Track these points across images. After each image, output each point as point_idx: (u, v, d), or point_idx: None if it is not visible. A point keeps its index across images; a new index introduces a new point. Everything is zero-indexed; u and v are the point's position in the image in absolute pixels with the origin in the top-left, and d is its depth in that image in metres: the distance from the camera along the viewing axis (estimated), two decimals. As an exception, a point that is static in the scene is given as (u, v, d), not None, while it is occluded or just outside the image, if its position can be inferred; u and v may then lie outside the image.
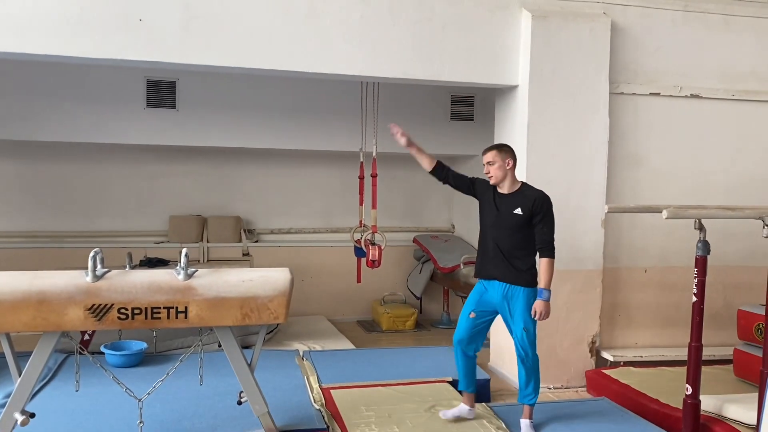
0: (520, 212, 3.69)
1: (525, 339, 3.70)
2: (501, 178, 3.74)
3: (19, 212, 6.55)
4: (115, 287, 3.08)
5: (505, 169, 3.72)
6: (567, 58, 4.87)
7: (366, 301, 7.26)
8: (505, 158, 3.72)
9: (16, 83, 5.83)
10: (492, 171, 3.74)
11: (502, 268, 3.72)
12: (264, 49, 4.46)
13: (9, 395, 3.93)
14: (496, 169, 3.72)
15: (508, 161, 3.72)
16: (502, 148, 3.79)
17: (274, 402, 3.60)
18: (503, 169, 3.72)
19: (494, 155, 3.73)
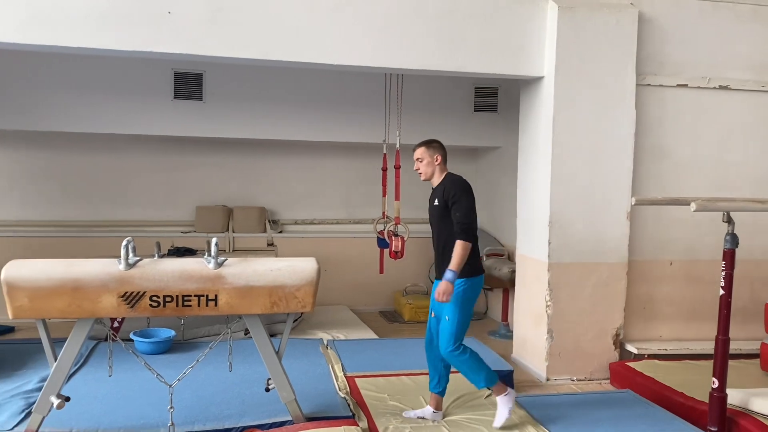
0: (437, 203, 3.65)
1: (446, 329, 3.54)
2: (430, 175, 3.70)
3: (50, 202, 6.69)
4: (147, 275, 3.16)
5: (433, 165, 3.67)
6: (593, 49, 4.84)
7: (388, 291, 7.30)
8: (433, 154, 3.67)
9: (47, 76, 5.94)
10: (421, 168, 3.69)
11: (440, 264, 3.65)
12: (290, 41, 4.49)
13: (43, 379, 4.08)
14: (425, 166, 3.68)
15: (436, 157, 3.67)
16: (430, 144, 3.71)
17: (299, 389, 3.66)
18: (432, 166, 3.67)
19: (422, 152, 3.69)
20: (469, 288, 3.58)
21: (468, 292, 3.57)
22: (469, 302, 3.60)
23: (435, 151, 3.68)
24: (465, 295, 3.55)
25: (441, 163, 3.69)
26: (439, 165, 3.68)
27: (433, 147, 3.69)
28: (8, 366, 4.55)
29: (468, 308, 3.60)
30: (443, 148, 3.73)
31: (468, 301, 3.59)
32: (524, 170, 5.29)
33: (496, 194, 7.19)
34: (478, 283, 3.64)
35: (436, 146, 3.70)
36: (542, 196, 4.94)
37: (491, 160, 7.35)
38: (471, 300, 3.61)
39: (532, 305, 5.09)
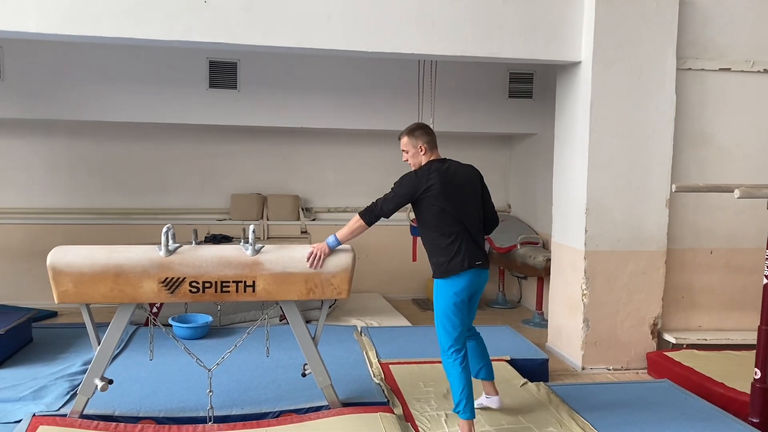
0: None
1: (438, 330, 3.40)
2: (419, 165, 3.43)
3: (90, 190, 6.84)
4: (187, 261, 3.21)
5: (419, 155, 3.42)
6: (632, 33, 4.73)
7: (421, 279, 7.31)
8: (417, 144, 3.42)
9: (87, 67, 6.05)
10: (409, 159, 3.47)
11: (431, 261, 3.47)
12: (324, 29, 4.50)
13: (86, 363, 4.21)
14: (412, 157, 3.44)
15: (420, 146, 3.41)
16: (413, 132, 3.45)
17: (334, 375, 3.69)
18: (418, 156, 3.42)
19: (406, 142, 3.44)
20: (440, 289, 3.35)
21: (439, 292, 3.35)
22: (446, 304, 3.32)
23: (418, 140, 3.41)
24: (439, 296, 3.36)
25: (426, 150, 3.42)
26: (424, 154, 3.42)
27: (416, 135, 3.42)
28: (52, 349, 4.69)
29: (446, 310, 3.32)
30: (428, 133, 3.46)
31: (443, 302, 3.33)
32: (560, 157, 5.22)
33: (530, 182, 7.12)
34: (450, 285, 3.31)
35: (419, 134, 3.43)
36: (579, 184, 4.87)
37: (526, 147, 7.27)
38: (449, 301, 3.31)
39: (568, 294, 5.05)
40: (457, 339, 3.34)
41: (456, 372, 3.32)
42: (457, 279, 3.31)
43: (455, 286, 3.31)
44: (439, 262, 3.34)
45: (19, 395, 3.77)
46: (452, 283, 3.31)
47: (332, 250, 3.38)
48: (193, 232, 3.94)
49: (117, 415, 3.50)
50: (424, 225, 3.40)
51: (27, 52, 5.93)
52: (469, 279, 3.33)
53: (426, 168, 3.37)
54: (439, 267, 3.35)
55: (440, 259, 3.33)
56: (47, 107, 6.03)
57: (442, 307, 3.35)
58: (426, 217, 3.35)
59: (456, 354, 3.33)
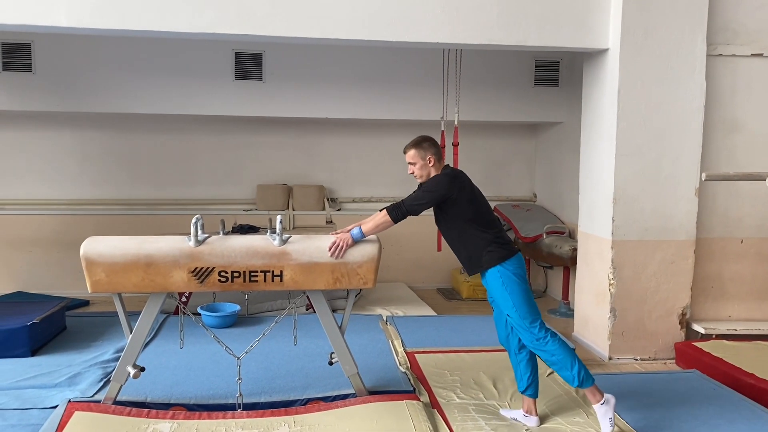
0: None
1: (515, 321, 3.31)
2: (426, 177, 3.42)
3: (119, 181, 6.95)
4: (216, 251, 3.26)
5: (427, 167, 3.40)
6: (661, 19, 4.65)
7: (446, 269, 7.31)
8: (425, 155, 3.39)
9: (114, 59, 6.14)
10: (416, 171, 3.43)
11: (463, 261, 3.45)
12: (348, 19, 4.49)
13: (119, 350, 4.31)
14: (420, 169, 3.41)
15: (429, 158, 3.39)
16: (420, 144, 3.41)
17: (361, 364, 3.73)
18: (426, 168, 3.40)
19: (414, 155, 3.41)
20: (507, 272, 3.29)
21: (507, 276, 3.29)
22: (516, 284, 3.29)
23: (426, 152, 3.39)
24: (509, 281, 3.29)
25: (435, 162, 3.40)
26: (433, 165, 3.40)
27: (424, 147, 3.39)
28: (86, 337, 4.80)
29: (518, 289, 3.29)
30: (435, 144, 3.43)
31: (513, 284, 3.29)
32: (587, 146, 5.17)
33: (556, 171, 7.06)
34: (513, 265, 3.31)
35: (426, 146, 3.40)
36: (606, 173, 4.82)
37: (552, 136, 7.21)
38: (516, 281, 3.29)
39: (595, 283, 5.01)
40: (538, 315, 3.33)
41: (556, 346, 3.27)
42: (514, 260, 3.32)
43: (515, 268, 3.31)
44: (491, 249, 3.30)
45: (54, 382, 3.87)
46: (511, 266, 3.30)
47: (355, 241, 3.39)
48: (221, 222, 4.00)
49: (149, 402, 3.58)
50: (459, 223, 3.35)
51: (57, 46, 6.04)
52: (522, 260, 3.39)
53: (451, 170, 3.43)
54: (492, 255, 3.30)
55: (490, 247, 3.30)
56: (76, 100, 6.14)
57: (513, 292, 3.28)
58: (463, 215, 3.33)
59: (545, 330, 3.29)
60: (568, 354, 3.30)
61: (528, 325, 3.29)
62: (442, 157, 3.50)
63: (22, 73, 6.02)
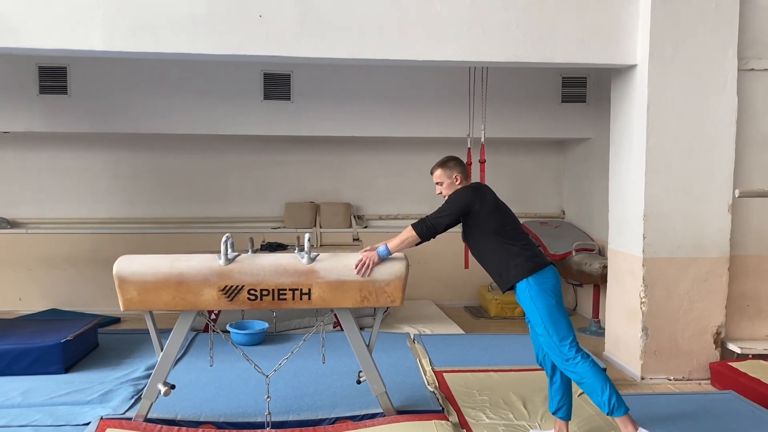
0: None
1: (545, 339, 3.21)
2: None
3: (151, 200, 7.08)
4: (245, 270, 3.29)
5: (454, 185, 3.43)
6: (690, 34, 4.61)
7: (473, 286, 7.26)
8: (451, 174, 3.43)
9: (146, 81, 6.29)
10: (443, 191, 3.47)
11: (494, 277, 3.41)
12: (375, 39, 4.54)
13: (150, 368, 4.34)
14: (447, 188, 3.44)
15: (455, 176, 3.43)
16: (446, 163, 3.46)
17: (388, 382, 3.71)
18: (453, 186, 3.43)
19: (440, 174, 3.45)
20: (535, 286, 3.20)
21: (535, 290, 3.20)
22: (544, 298, 3.19)
23: (452, 171, 3.44)
24: (537, 294, 3.20)
25: (461, 180, 3.44)
26: (459, 184, 3.43)
27: (449, 166, 3.44)
28: (117, 354, 4.87)
29: (546, 303, 3.18)
30: (461, 164, 3.47)
31: (542, 298, 3.19)
32: (616, 162, 5.12)
33: (585, 187, 7.00)
34: (545, 277, 3.23)
35: (452, 165, 3.45)
36: (636, 189, 4.77)
37: (580, 152, 7.15)
38: (548, 294, 3.20)
39: (626, 301, 4.93)
40: (571, 332, 3.20)
41: (586, 368, 3.15)
42: (545, 272, 3.23)
43: (545, 281, 3.21)
44: (518, 262, 3.24)
45: (87, 398, 3.93)
46: (542, 278, 3.21)
47: (381, 259, 3.39)
48: (250, 240, 4.03)
49: (179, 420, 3.61)
50: (485, 236, 3.32)
51: (91, 70, 6.20)
52: (555, 274, 3.28)
53: (476, 184, 3.44)
54: (521, 267, 3.23)
55: (518, 260, 3.24)
56: (110, 121, 6.29)
57: (541, 306, 3.19)
58: (488, 227, 3.30)
59: (577, 350, 3.18)
60: (599, 378, 3.18)
61: (557, 342, 3.18)
62: (468, 176, 3.52)
63: (57, 96, 6.19)
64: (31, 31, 4.28)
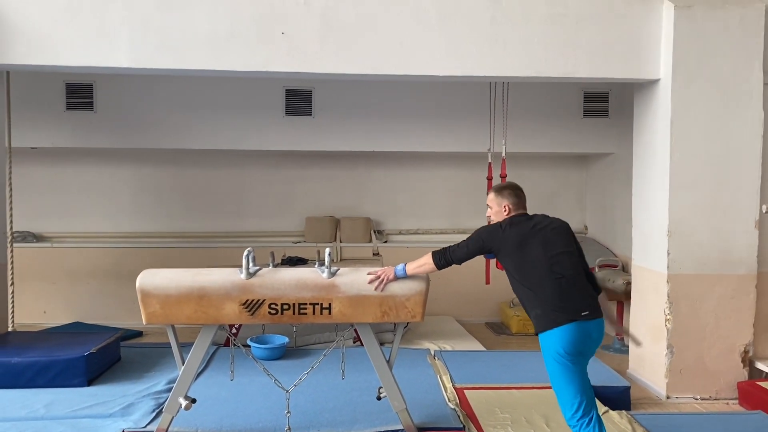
0: None
1: (556, 395, 3.11)
2: None
3: (173, 215, 7.15)
4: (266, 284, 3.30)
5: (502, 214, 3.31)
6: (714, 49, 4.57)
7: (494, 302, 7.20)
8: (501, 203, 3.32)
9: (169, 97, 6.38)
10: (492, 215, 3.39)
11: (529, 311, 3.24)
12: (396, 55, 4.57)
13: (171, 381, 4.36)
14: (494, 215, 3.36)
15: (505, 206, 3.31)
16: (501, 191, 3.37)
17: (409, 399, 3.68)
18: (500, 215, 3.32)
19: (492, 198, 3.38)
20: (543, 345, 3.06)
21: (544, 349, 3.06)
22: (551, 362, 3.04)
23: (504, 199, 3.32)
24: (544, 353, 3.07)
25: (511, 211, 3.30)
26: (508, 214, 3.30)
27: (503, 195, 3.34)
28: (139, 368, 4.90)
29: (552, 368, 3.04)
30: (518, 195, 3.35)
31: (549, 362, 3.05)
32: (640, 177, 5.07)
33: (608, 202, 6.93)
34: (553, 339, 3.01)
35: (506, 194, 3.34)
36: (660, 205, 4.70)
37: (602, 167, 7.10)
38: (552, 358, 3.03)
39: (650, 319, 4.85)
40: (576, 402, 3.01)
41: None
42: (559, 332, 3.01)
43: (557, 342, 3.00)
44: (536, 314, 3.10)
45: (109, 411, 3.95)
46: (553, 338, 3.01)
47: (397, 278, 3.38)
48: (271, 255, 4.04)
49: (199, 434, 3.61)
50: (511, 277, 3.23)
51: (117, 86, 6.31)
52: (573, 332, 3.00)
53: (505, 222, 3.26)
54: (537, 319, 3.10)
55: (537, 311, 3.10)
56: (134, 137, 6.39)
57: (550, 366, 3.07)
58: (510, 269, 3.21)
59: (579, 422, 2.99)
60: None
61: (561, 406, 3.08)
62: (522, 207, 3.35)
63: (84, 112, 6.31)
64: (59, 49, 4.38)
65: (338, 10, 4.51)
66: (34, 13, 4.36)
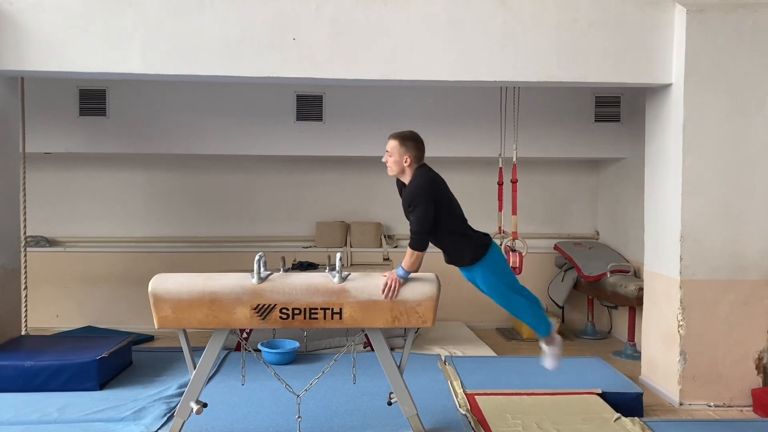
0: (403, 201, 3.59)
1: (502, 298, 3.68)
2: (397, 173, 3.55)
3: (185, 219, 7.19)
4: (278, 289, 3.31)
5: (402, 165, 3.48)
6: (727, 53, 4.54)
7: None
8: (404, 155, 3.46)
9: (181, 103, 6.42)
10: (389, 162, 3.52)
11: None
12: (408, 60, 4.58)
13: (182, 386, 4.38)
14: (393, 163, 3.50)
15: (406, 159, 3.46)
16: (405, 141, 3.48)
17: (419, 404, 3.67)
18: (400, 165, 3.48)
19: (394, 147, 3.48)
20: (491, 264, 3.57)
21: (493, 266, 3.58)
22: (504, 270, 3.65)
23: (408, 151, 3.46)
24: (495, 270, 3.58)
25: (411, 164, 3.48)
26: (408, 166, 3.48)
27: (407, 146, 3.47)
28: (150, 372, 4.91)
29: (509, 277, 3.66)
30: (420, 148, 3.51)
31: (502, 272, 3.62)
32: (652, 182, 5.04)
33: (619, 207, 6.89)
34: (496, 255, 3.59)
35: (410, 146, 3.47)
36: (673, 210, 4.68)
37: (614, 172, 7.06)
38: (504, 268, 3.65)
39: (663, 325, 4.82)
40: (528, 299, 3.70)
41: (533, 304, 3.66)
42: (488, 250, 3.55)
43: (497, 255, 3.59)
44: (470, 247, 3.54)
45: (121, 416, 3.97)
46: (497, 254, 3.57)
47: (405, 280, 3.43)
48: (281, 259, 4.05)
49: (210, 438, 3.61)
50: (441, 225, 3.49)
51: (129, 92, 6.36)
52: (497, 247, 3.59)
53: (427, 173, 3.49)
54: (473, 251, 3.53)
55: (468, 246, 3.54)
56: (146, 142, 6.43)
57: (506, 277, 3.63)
58: (444, 215, 3.48)
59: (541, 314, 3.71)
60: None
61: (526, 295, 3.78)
62: (422, 160, 3.55)
63: (96, 118, 6.36)
64: (72, 56, 4.43)
65: (349, 16, 4.53)
66: (48, 20, 4.41)
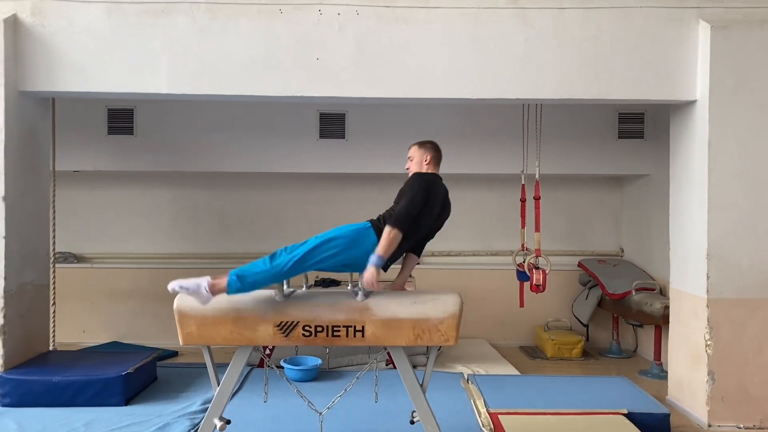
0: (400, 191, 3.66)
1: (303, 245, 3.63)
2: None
3: (208, 236, 7.27)
4: (301, 306, 3.33)
5: (422, 165, 3.65)
6: (752, 69, 4.51)
7: (529, 326, 7.11)
8: (424, 155, 3.65)
9: (206, 121, 6.53)
10: (411, 167, 3.70)
11: None
12: (429, 79, 4.62)
13: (206, 402, 4.41)
14: (414, 164, 3.67)
15: (426, 157, 3.65)
16: (425, 144, 3.70)
17: (442, 423, 3.62)
18: (420, 165, 3.64)
19: (414, 150, 3.69)
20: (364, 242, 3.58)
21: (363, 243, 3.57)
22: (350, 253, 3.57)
23: (427, 152, 3.66)
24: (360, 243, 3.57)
25: (430, 163, 3.66)
26: (428, 164, 3.64)
27: (426, 147, 3.68)
28: (174, 388, 4.95)
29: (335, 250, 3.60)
30: (436, 149, 3.70)
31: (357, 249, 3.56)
32: (677, 199, 4.99)
33: (644, 224, 6.82)
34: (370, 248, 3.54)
35: (428, 147, 3.68)
36: (699, 227, 4.62)
37: (638, 189, 7.00)
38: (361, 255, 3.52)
39: (690, 344, 4.74)
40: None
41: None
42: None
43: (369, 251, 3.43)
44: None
45: (145, 431, 4.00)
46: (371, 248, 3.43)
47: (380, 268, 3.38)
48: (304, 276, 4.07)
49: (233, 455, 3.62)
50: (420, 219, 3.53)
51: (156, 111, 6.48)
52: None
53: (440, 180, 3.64)
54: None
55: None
56: (173, 160, 6.54)
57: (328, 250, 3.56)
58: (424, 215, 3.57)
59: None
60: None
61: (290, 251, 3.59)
62: (438, 165, 3.71)
63: (124, 136, 6.49)
64: (102, 76, 4.55)
65: (372, 36, 4.59)
66: (78, 42, 4.54)
